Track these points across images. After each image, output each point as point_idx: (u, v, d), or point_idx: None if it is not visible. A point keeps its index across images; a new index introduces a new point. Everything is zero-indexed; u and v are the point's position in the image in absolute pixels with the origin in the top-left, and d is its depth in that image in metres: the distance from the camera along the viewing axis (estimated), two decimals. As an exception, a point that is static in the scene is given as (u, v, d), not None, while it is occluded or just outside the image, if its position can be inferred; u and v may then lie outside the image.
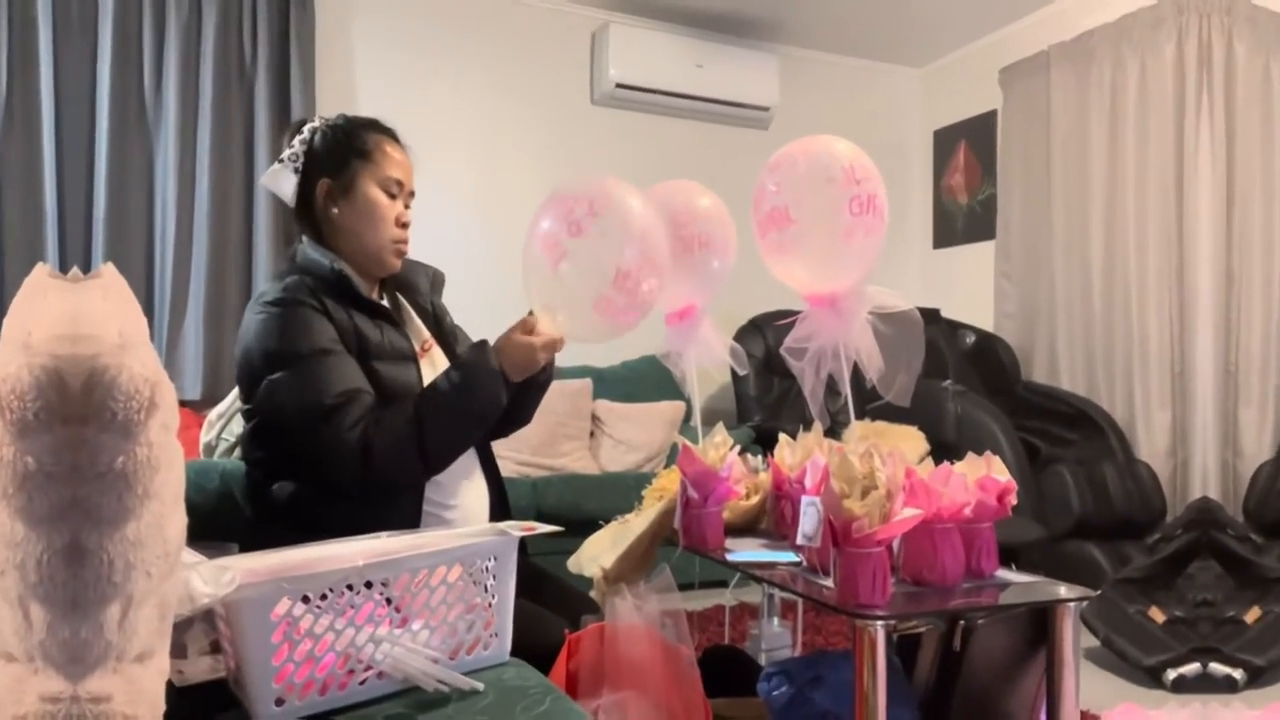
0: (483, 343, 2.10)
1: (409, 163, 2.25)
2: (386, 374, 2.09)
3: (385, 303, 2.28)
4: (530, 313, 2.09)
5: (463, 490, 2.18)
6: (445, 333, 2.39)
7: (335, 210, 2.17)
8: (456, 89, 5.51)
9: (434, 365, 2.27)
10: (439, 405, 2.01)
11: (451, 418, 2.02)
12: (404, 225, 2.22)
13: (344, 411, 1.96)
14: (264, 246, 4.66)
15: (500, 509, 2.28)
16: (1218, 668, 3.30)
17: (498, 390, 2.03)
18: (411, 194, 2.26)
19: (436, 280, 2.46)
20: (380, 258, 2.21)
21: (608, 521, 2.41)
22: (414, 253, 2.35)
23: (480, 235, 5.38)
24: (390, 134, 2.25)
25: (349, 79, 5.20)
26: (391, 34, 5.32)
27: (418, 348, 2.23)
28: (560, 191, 2.06)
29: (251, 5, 4.72)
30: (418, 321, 2.35)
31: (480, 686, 1.50)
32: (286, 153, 2.20)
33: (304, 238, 2.23)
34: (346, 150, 2.17)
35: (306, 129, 2.21)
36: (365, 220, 2.17)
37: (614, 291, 1.98)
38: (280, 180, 2.19)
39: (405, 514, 2.03)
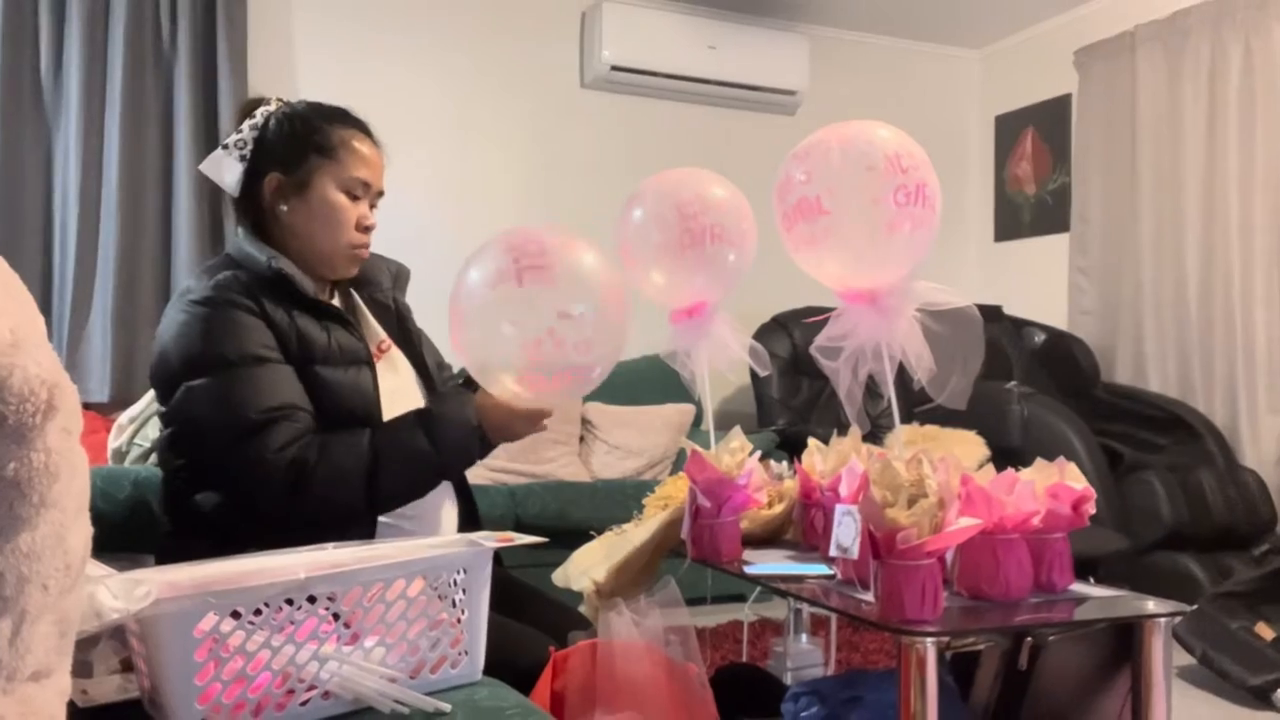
0: (463, 392, 2.11)
1: (379, 160, 2.23)
2: (333, 379, 2.07)
3: (336, 301, 2.29)
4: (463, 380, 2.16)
5: (424, 499, 2.15)
6: (408, 332, 2.37)
7: (284, 208, 2.16)
8: (420, 71, 5.53)
9: (394, 367, 2.27)
10: (403, 449, 1.99)
11: (414, 467, 2.01)
12: (366, 229, 2.21)
13: (274, 430, 1.94)
14: (184, 240, 4.69)
15: (469, 520, 2.27)
16: (1337, 688, 3.27)
17: (472, 448, 2.05)
18: (379, 194, 2.25)
19: (400, 276, 2.45)
20: (332, 263, 2.21)
21: (600, 532, 2.40)
22: (376, 251, 2.34)
23: (451, 231, 5.35)
24: (361, 127, 2.23)
25: (288, 61, 5.22)
26: (340, 11, 5.35)
27: (373, 349, 2.22)
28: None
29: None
30: (373, 321, 2.34)
31: (446, 707, 1.48)
32: (233, 137, 2.17)
33: (240, 230, 2.22)
34: (305, 143, 2.15)
35: (260, 113, 2.19)
36: (320, 223, 2.16)
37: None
38: (222, 168, 2.17)
39: (356, 528, 2.01)
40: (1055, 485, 1.93)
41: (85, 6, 4.57)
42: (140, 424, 2.41)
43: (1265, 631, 3.40)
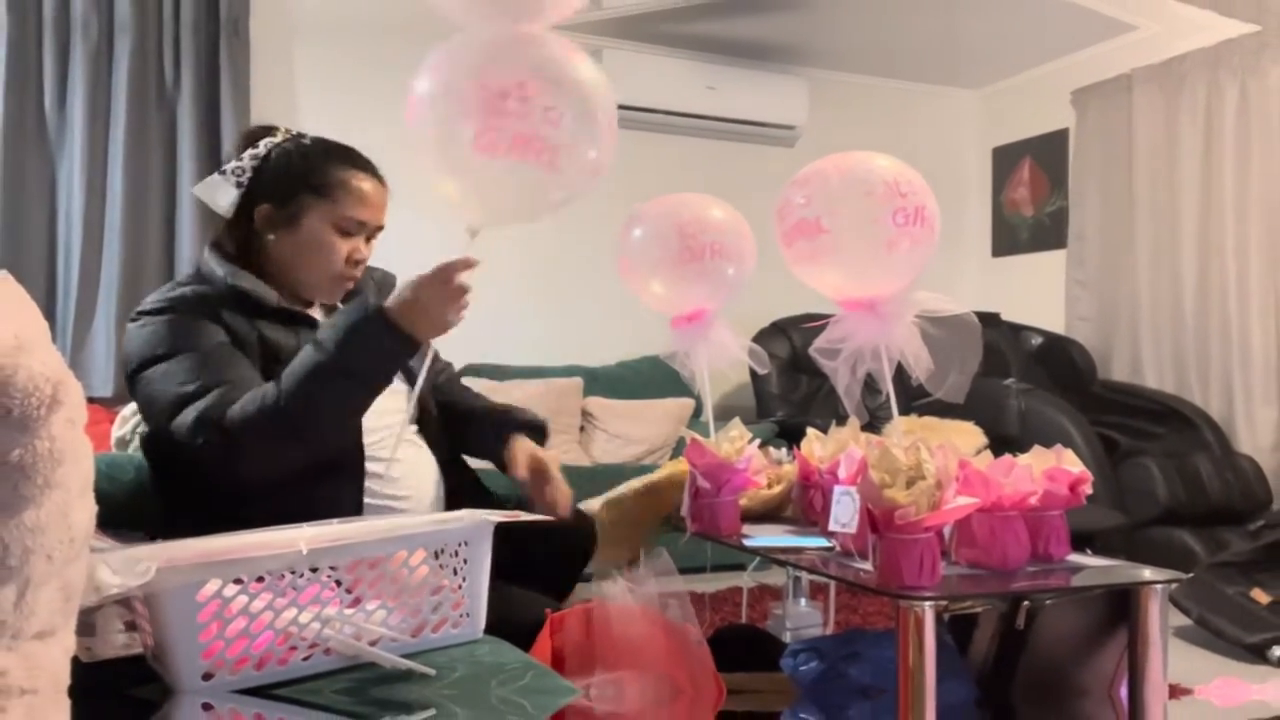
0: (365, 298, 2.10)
1: (380, 198, 2.21)
2: None
3: (317, 311, 2.26)
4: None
5: (411, 481, 2.16)
6: None
7: (271, 237, 2.14)
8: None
9: None
10: (299, 367, 1.90)
11: (315, 378, 1.89)
12: (357, 263, 2.19)
13: (221, 394, 1.90)
14: (188, 253, 4.76)
15: (476, 493, 2.28)
16: (1332, 646, 3.28)
17: (371, 337, 1.90)
18: (378, 229, 2.22)
19: (384, 284, 2.38)
20: (314, 292, 2.19)
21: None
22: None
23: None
24: (363, 166, 2.20)
25: (291, 101, 5.17)
26: (342, 52, 5.32)
27: None
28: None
29: (174, 32, 4.83)
30: None
31: (432, 672, 1.49)
32: (232, 164, 2.16)
33: (209, 248, 2.20)
34: (300, 182, 2.14)
35: (264, 144, 2.18)
36: (306, 256, 2.14)
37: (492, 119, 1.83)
38: (216, 191, 2.15)
39: (341, 508, 1.95)
40: (1052, 469, 1.95)
41: (89, 46, 4.63)
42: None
43: (1261, 596, 3.40)
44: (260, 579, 1.41)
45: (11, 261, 4.36)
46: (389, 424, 2.11)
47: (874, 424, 2.48)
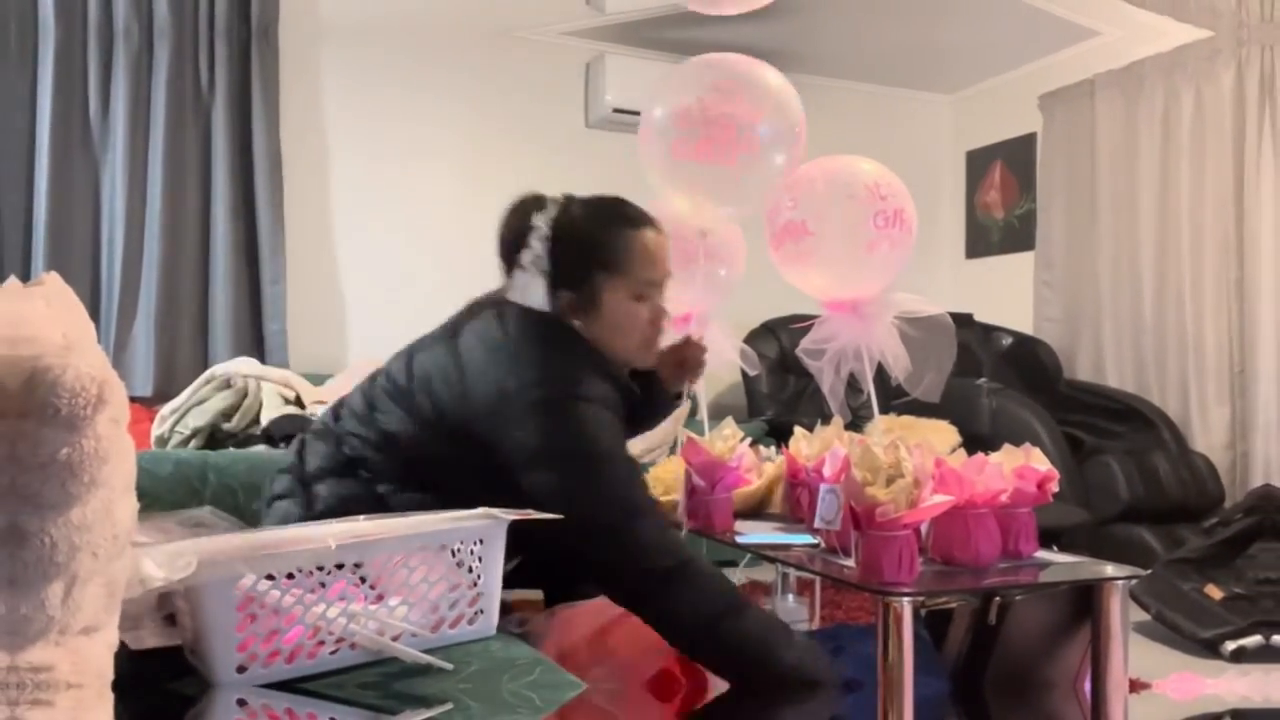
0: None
1: (664, 248, 2.12)
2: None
3: None
4: None
5: None
6: None
7: (579, 323, 2.04)
8: (437, 117, 5.43)
9: None
10: (741, 630, 1.81)
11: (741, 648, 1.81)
12: (660, 318, 2.11)
13: (657, 513, 1.89)
14: (221, 256, 4.76)
15: None
16: (1282, 640, 3.29)
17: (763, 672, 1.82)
18: (668, 275, 2.13)
19: None
20: (630, 361, 2.10)
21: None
22: (396, 277, 2.34)
23: (469, 265, 5.30)
24: (641, 222, 2.12)
25: (316, 106, 5.14)
26: (364, 61, 5.29)
27: None
28: None
29: (209, 38, 4.85)
30: None
31: (450, 666, 1.50)
32: (528, 257, 2.07)
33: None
34: (588, 263, 2.04)
35: (543, 223, 2.10)
36: (615, 333, 2.05)
37: None
38: (528, 290, 2.06)
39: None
40: (1022, 467, 1.95)
41: (130, 52, 4.64)
42: (180, 415, 2.44)
43: (1214, 592, 3.40)
44: (291, 575, 1.42)
45: (58, 263, 4.37)
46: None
47: (856, 422, 2.49)
